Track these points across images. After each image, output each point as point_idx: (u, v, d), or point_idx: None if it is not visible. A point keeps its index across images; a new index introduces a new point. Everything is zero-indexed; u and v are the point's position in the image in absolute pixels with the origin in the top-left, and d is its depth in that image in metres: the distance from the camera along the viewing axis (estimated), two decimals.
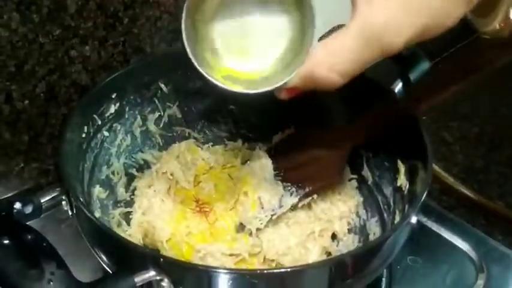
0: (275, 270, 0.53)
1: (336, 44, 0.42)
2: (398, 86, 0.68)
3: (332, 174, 0.65)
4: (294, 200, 0.65)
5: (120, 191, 0.70)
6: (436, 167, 0.95)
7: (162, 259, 0.49)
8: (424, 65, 0.70)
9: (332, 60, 0.42)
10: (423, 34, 0.40)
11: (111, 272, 0.51)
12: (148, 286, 0.48)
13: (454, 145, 1.09)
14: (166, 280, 0.47)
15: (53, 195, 0.54)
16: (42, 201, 0.53)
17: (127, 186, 0.70)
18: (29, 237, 0.47)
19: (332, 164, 0.65)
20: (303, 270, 0.50)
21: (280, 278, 0.49)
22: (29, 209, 0.51)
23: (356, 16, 0.40)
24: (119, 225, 0.67)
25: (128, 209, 0.68)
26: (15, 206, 0.50)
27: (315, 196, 0.66)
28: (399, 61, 0.71)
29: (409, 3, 0.39)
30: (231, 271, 0.50)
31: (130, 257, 0.50)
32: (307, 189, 0.64)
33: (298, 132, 0.70)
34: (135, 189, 0.70)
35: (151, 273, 0.47)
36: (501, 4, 0.45)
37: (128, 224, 0.67)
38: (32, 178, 0.73)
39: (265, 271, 0.53)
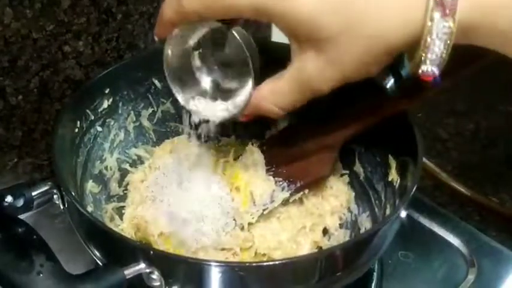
0: (264, 263, 0.53)
1: (276, 85, 0.52)
2: (390, 82, 0.68)
3: (323, 169, 0.65)
4: (286, 194, 0.65)
5: (113, 186, 0.70)
6: (429, 163, 0.95)
7: (152, 252, 0.49)
8: None
9: (273, 98, 0.52)
10: (347, 81, 0.50)
11: (101, 265, 0.51)
12: (139, 279, 0.48)
13: (449, 142, 1.09)
14: (156, 273, 0.47)
15: (45, 189, 0.54)
16: (33, 194, 0.53)
17: (120, 181, 0.71)
18: (19, 230, 0.47)
19: (323, 159, 0.65)
20: (292, 262, 0.50)
21: (269, 270, 0.49)
22: (20, 202, 0.51)
23: (291, 64, 0.50)
24: (112, 219, 0.67)
25: (121, 204, 0.69)
26: (6, 199, 0.50)
27: (307, 191, 0.66)
28: None
29: (334, 59, 0.47)
30: (221, 264, 0.51)
31: (121, 250, 0.50)
32: (298, 184, 0.65)
33: (289, 127, 0.71)
34: (128, 184, 0.71)
35: (141, 266, 0.47)
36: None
37: (121, 218, 0.67)
38: (26, 173, 0.73)
39: (254, 264, 0.53)
